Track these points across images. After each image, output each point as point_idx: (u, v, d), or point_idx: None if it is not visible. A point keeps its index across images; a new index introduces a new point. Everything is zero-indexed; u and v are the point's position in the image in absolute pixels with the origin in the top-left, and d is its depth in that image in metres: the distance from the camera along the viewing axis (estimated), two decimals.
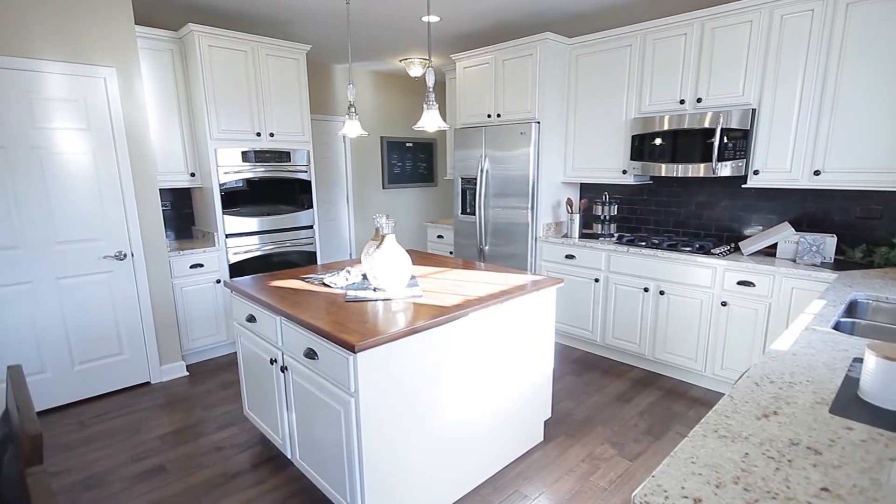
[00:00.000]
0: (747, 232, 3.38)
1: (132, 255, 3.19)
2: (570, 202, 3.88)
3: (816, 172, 2.77)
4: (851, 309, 2.04)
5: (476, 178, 4.20)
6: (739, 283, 2.91)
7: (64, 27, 2.81)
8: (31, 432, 1.04)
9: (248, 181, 3.78)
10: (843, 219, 2.97)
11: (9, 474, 1.11)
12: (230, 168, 3.67)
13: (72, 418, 2.92)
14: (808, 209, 3.10)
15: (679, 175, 3.25)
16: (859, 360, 1.33)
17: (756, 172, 3.00)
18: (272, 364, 2.21)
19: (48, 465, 2.46)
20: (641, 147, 3.43)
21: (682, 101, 3.24)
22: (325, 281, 2.41)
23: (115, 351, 3.21)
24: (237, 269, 3.81)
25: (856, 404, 1.09)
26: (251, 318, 2.32)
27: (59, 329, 2.97)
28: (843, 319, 1.83)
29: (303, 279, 2.51)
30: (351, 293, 2.21)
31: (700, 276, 3.07)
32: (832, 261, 2.82)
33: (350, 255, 6.08)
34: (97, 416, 2.94)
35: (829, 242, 2.80)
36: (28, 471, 1.03)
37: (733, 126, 2.98)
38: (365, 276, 2.52)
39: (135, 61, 3.09)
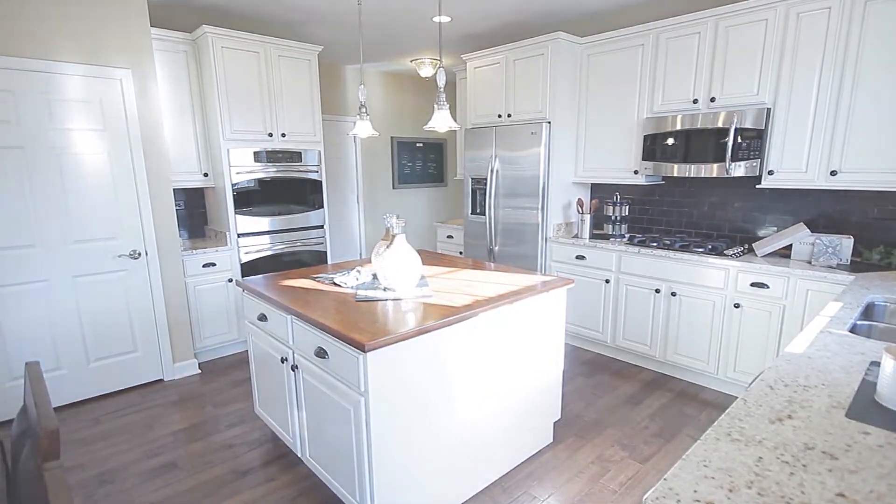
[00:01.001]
0: (761, 233, 3.33)
1: (146, 253, 3.24)
2: (580, 202, 3.86)
3: (833, 173, 2.72)
4: (868, 311, 2.01)
5: (486, 179, 4.19)
6: (753, 284, 2.88)
7: (81, 30, 2.86)
8: (49, 428, 1.06)
9: (260, 181, 3.82)
10: (861, 220, 2.92)
11: (27, 469, 1.13)
12: (242, 168, 3.70)
13: (87, 414, 2.96)
14: (824, 210, 3.05)
15: (692, 175, 3.21)
16: (876, 364, 1.31)
17: (771, 173, 2.96)
18: (283, 363, 2.22)
19: (64, 461, 2.50)
20: (653, 147, 3.40)
21: (695, 101, 3.21)
22: (336, 280, 2.42)
23: (130, 348, 3.25)
24: (249, 269, 3.84)
25: (873, 408, 1.07)
26: (262, 317, 2.34)
27: (75, 326, 3.02)
28: (859, 322, 1.80)
29: (313, 279, 2.53)
30: (361, 293, 2.22)
31: (713, 277, 3.04)
32: (849, 262, 2.77)
33: (360, 254, 6.10)
34: (111, 413, 2.98)
35: (846, 244, 2.75)
36: (45, 465, 1.05)
37: (747, 126, 2.94)
38: (375, 276, 2.53)
39: (150, 63, 3.13)
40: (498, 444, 2.27)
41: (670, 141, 3.30)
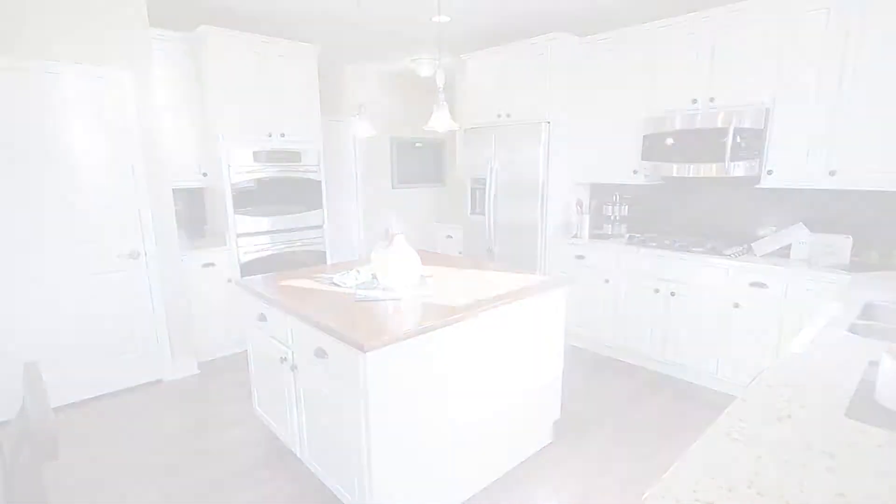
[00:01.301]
0: (760, 232, 3.33)
1: (146, 254, 3.23)
2: (580, 202, 3.86)
3: (832, 172, 2.72)
4: (867, 311, 2.01)
5: (486, 178, 4.19)
6: (752, 284, 2.88)
7: (80, 29, 2.85)
8: (48, 428, 1.05)
9: (259, 181, 3.81)
10: (860, 220, 2.92)
11: (25, 469, 1.12)
12: (241, 168, 3.70)
13: (86, 414, 2.96)
14: (823, 209, 3.05)
15: (691, 175, 3.21)
16: (875, 364, 1.31)
17: (770, 172, 2.96)
18: (282, 363, 2.22)
19: (63, 461, 2.50)
20: (653, 147, 3.40)
21: (694, 101, 3.21)
22: (335, 280, 2.42)
23: (129, 348, 3.25)
24: (248, 269, 3.84)
25: (872, 408, 1.07)
26: (262, 317, 2.34)
27: (75, 326, 3.02)
28: (858, 322, 1.80)
29: (313, 279, 2.53)
30: (360, 293, 2.22)
31: (712, 276, 3.04)
32: (847, 262, 2.77)
33: (359, 254, 6.10)
34: (111, 413, 2.98)
35: (845, 244, 2.76)
36: (44, 466, 1.05)
37: (746, 125, 2.94)
38: (374, 276, 2.53)
39: (149, 62, 3.13)
40: (497, 444, 2.27)
41: (669, 141, 3.30)
